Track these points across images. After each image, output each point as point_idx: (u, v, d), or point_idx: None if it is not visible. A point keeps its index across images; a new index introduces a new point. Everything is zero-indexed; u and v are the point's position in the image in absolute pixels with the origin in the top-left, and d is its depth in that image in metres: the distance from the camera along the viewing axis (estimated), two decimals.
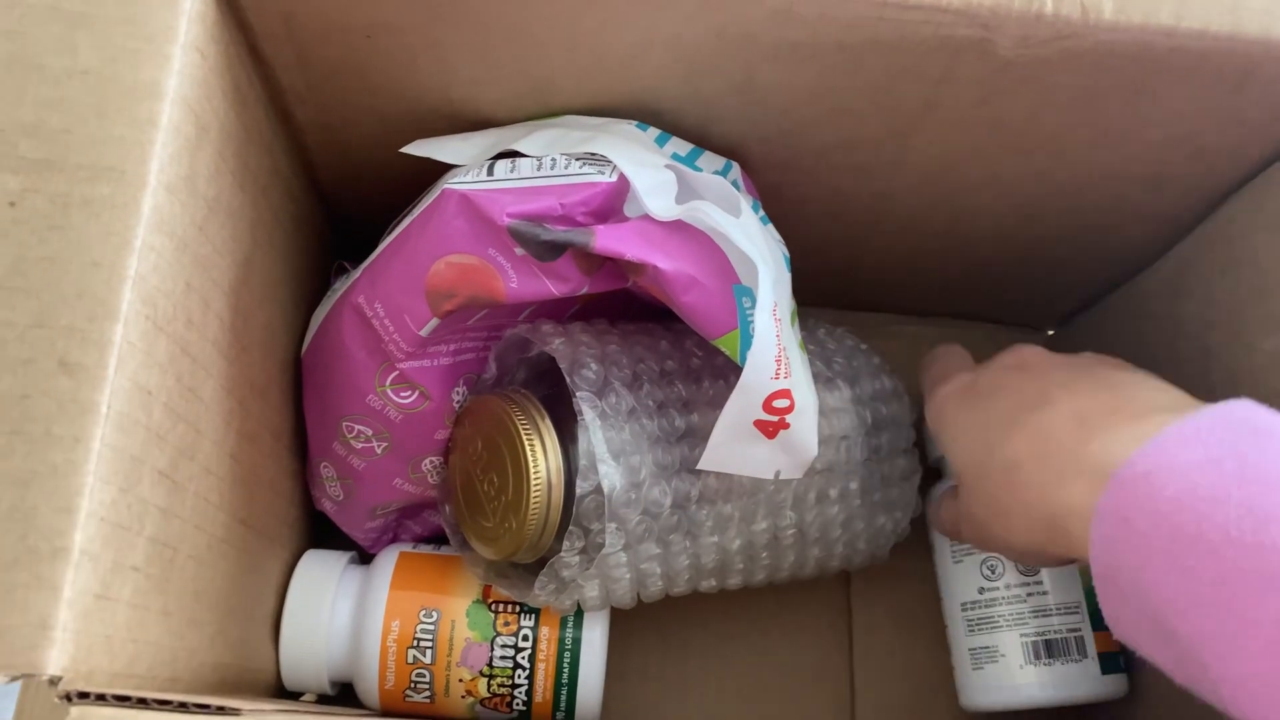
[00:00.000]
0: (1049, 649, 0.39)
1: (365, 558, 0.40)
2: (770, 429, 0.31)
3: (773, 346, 0.29)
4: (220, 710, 0.22)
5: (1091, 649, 0.38)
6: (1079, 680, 0.38)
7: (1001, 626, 0.39)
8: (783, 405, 0.30)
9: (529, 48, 0.30)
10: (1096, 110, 0.32)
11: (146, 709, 0.21)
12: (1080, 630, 0.38)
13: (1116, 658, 0.39)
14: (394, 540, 0.40)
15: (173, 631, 0.27)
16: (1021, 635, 0.39)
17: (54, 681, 0.21)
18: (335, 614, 0.36)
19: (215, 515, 0.30)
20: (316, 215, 0.40)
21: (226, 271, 0.29)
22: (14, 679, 0.20)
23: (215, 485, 0.29)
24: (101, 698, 0.21)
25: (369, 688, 0.36)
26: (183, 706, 0.21)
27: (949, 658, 0.41)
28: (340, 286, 0.35)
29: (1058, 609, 0.39)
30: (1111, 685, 0.38)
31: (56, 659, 0.21)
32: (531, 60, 0.31)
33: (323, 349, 0.35)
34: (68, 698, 0.21)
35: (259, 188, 0.32)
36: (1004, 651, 0.39)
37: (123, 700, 0.21)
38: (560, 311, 0.35)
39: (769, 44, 0.29)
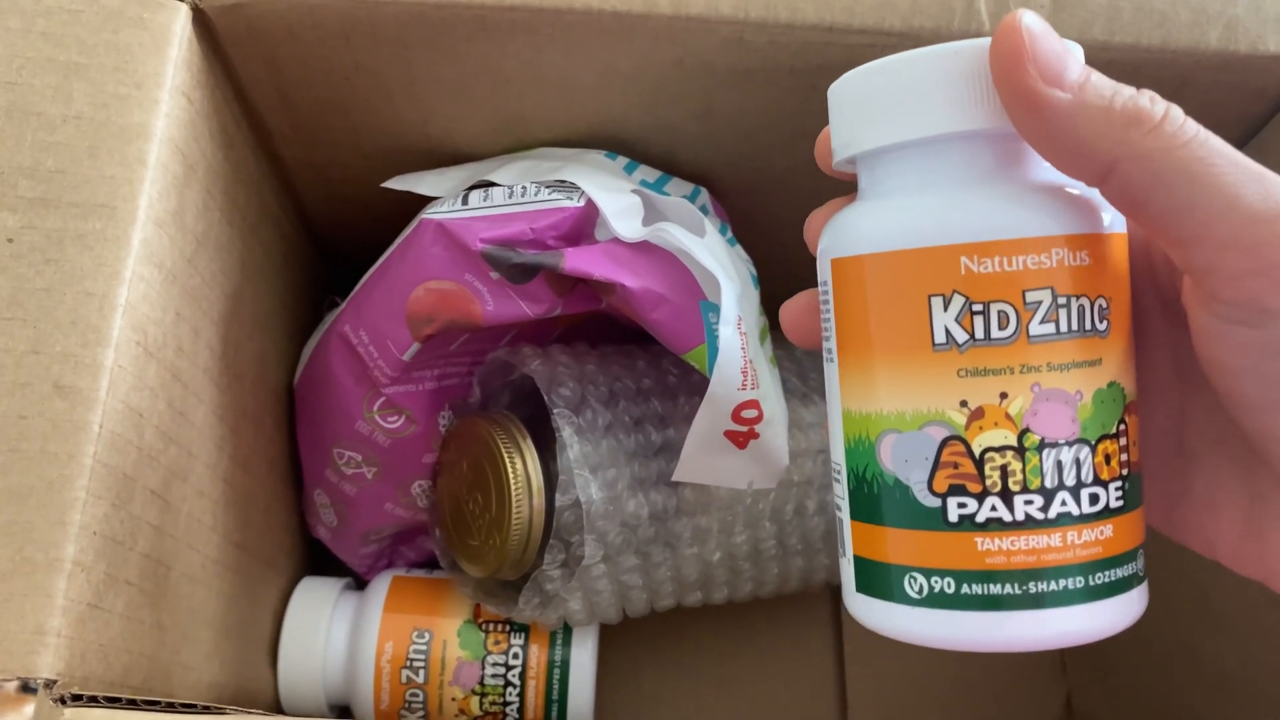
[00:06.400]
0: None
1: (361, 584, 0.41)
2: (740, 439, 0.32)
3: (738, 358, 0.30)
4: (206, 710, 0.23)
5: (849, 545, 0.23)
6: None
7: None
8: (751, 415, 0.31)
9: (500, 84, 0.32)
10: None
11: (136, 709, 0.22)
12: (840, 509, 0.23)
13: (886, 577, 0.21)
14: (388, 566, 0.41)
15: (167, 646, 0.28)
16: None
17: (49, 685, 0.22)
18: (331, 637, 0.37)
19: (209, 536, 0.31)
20: (307, 250, 0.42)
21: (216, 303, 0.31)
22: (10, 683, 0.22)
23: (209, 508, 0.31)
24: (94, 699, 0.22)
25: (365, 709, 0.37)
26: (170, 706, 0.22)
27: (941, 671, 0.42)
28: (329, 318, 0.37)
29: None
30: (864, 611, 0.22)
31: (52, 664, 0.22)
32: (503, 96, 0.32)
33: (313, 378, 0.37)
34: (62, 700, 0.22)
35: (248, 224, 0.34)
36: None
37: (113, 701, 0.22)
38: (541, 337, 0.37)
39: (725, 72, 0.31)
